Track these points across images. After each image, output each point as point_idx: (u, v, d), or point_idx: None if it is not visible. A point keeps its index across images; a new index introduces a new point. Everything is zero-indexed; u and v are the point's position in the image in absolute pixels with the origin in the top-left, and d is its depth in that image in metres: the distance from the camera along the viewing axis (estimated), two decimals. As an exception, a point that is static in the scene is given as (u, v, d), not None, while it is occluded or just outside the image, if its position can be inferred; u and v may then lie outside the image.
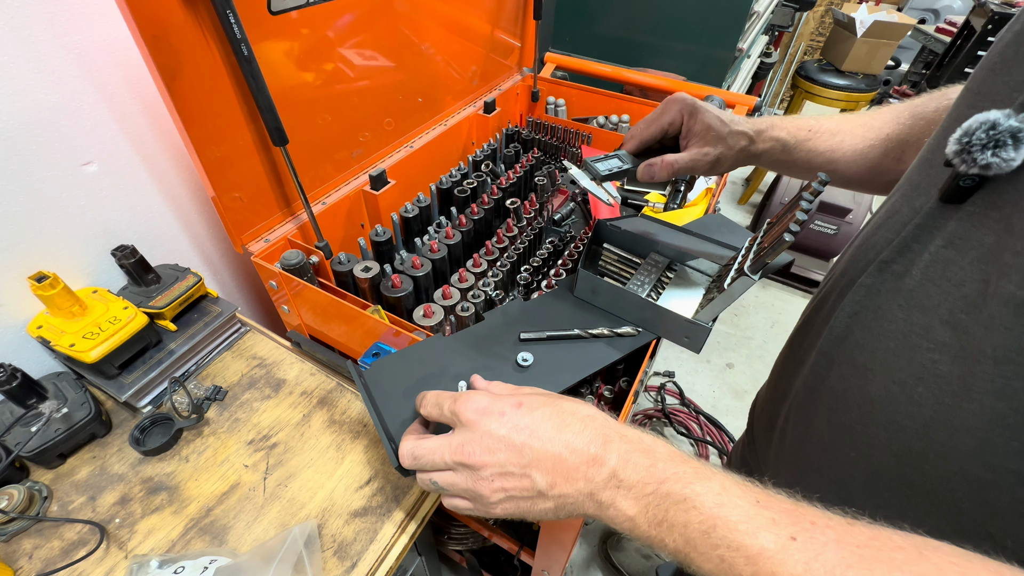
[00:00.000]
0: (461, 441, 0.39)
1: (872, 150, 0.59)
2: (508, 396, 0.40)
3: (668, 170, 0.58)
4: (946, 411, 0.35)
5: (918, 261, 0.37)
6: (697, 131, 0.58)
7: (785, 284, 2.43)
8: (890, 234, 0.41)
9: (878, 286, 0.40)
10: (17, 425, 0.60)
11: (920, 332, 0.37)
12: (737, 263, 0.55)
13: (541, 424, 0.38)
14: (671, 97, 0.60)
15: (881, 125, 0.59)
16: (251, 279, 1.00)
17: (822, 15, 3.77)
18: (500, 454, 0.38)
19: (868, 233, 0.45)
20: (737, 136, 0.59)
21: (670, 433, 1.82)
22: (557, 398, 0.41)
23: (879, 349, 0.40)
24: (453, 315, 0.70)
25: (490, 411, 0.39)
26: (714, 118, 0.58)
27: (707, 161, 0.59)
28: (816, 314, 0.51)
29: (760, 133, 0.61)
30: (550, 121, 1.18)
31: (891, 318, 0.39)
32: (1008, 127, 0.30)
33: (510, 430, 0.38)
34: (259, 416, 0.69)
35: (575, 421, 0.38)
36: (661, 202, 1.15)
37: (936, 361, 0.36)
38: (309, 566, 0.53)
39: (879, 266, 0.40)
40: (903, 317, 0.38)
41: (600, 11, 1.75)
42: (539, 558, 0.97)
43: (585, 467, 0.36)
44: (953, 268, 0.35)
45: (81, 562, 0.54)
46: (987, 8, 2.57)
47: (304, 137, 0.76)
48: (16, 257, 0.64)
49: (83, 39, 0.63)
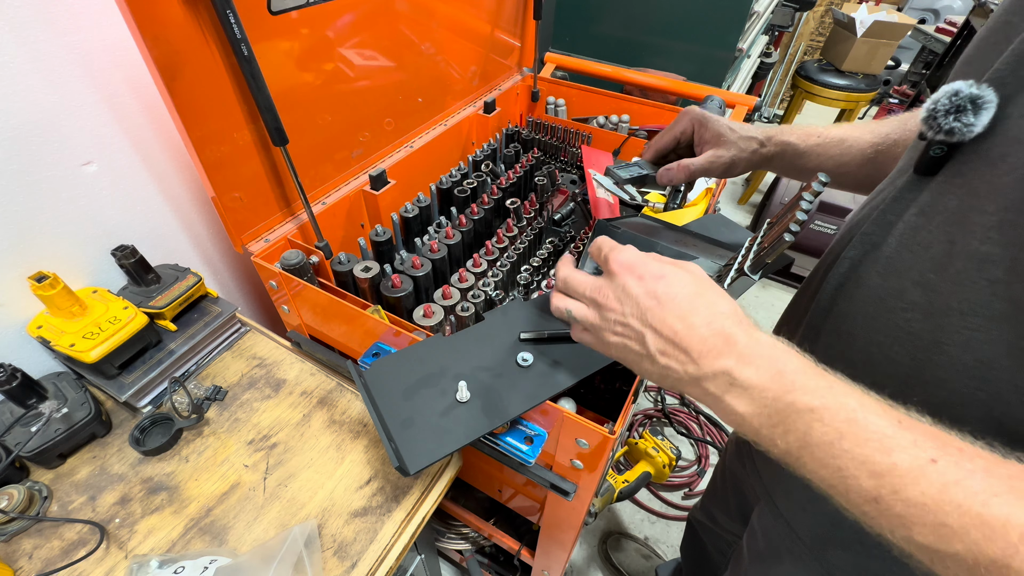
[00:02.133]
0: (602, 284, 0.43)
1: (878, 153, 0.61)
2: (656, 264, 0.41)
3: (685, 172, 0.65)
4: (920, 367, 0.38)
5: (894, 231, 0.40)
6: (708, 138, 0.65)
7: (785, 284, 2.43)
8: (871, 211, 0.44)
9: (859, 257, 0.43)
10: (17, 425, 0.60)
11: (895, 295, 0.39)
12: (737, 263, 0.55)
13: (672, 301, 0.39)
14: (683, 111, 0.67)
15: (888, 131, 0.61)
16: (251, 279, 1.00)
17: (822, 15, 3.77)
18: (627, 307, 0.40)
19: (855, 213, 0.49)
20: (747, 140, 0.64)
21: (670, 433, 1.82)
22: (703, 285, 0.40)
23: (859, 315, 0.42)
24: (453, 315, 0.70)
25: (633, 269, 0.41)
26: (723, 126, 0.64)
27: (721, 163, 0.64)
28: (804, 292, 0.55)
29: (770, 138, 0.65)
30: (550, 121, 1.18)
31: (870, 284, 0.41)
32: (968, 94, 0.33)
33: (643, 292, 0.40)
34: (259, 416, 0.69)
35: (706, 310, 0.38)
36: (661, 202, 1.15)
37: (909, 320, 0.38)
38: (309, 566, 0.53)
39: (860, 238, 0.43)
40: (880, 283, 0.40)
41: (600, 11, 1.75)
42: (539, 558, 0.97)
43: (697, 354, 0.37)
44: (922, 233, 0.37)
45: (81, 562, 0.54)
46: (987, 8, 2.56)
47: (304, 137, 0.76)
48: (16, 257, 0.64)
49: (83, 39, 0.63)
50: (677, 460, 1.52)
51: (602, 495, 1.28)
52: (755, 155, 0.64)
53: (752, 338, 0.36)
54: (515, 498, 0.86)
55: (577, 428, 0.54)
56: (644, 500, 1.59)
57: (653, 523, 1.55)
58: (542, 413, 0.58)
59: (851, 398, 0.32)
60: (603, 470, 0.64)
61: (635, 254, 0.42)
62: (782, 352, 0.36)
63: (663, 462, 1.46)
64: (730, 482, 0.81)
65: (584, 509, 0.71)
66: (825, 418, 0.31)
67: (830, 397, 0.32)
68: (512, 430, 0.59)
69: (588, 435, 0.54)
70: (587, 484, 0.64)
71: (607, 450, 0.56)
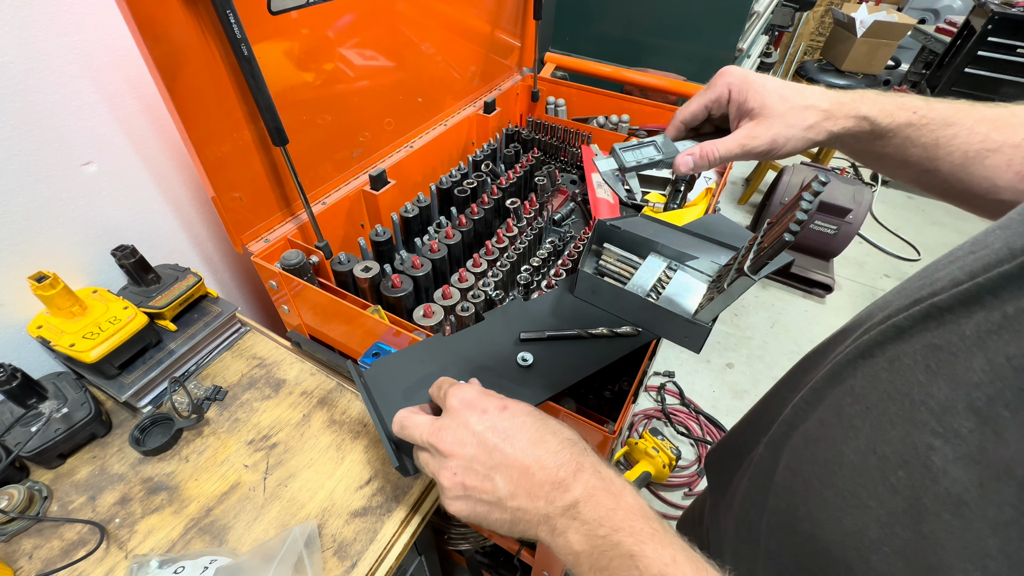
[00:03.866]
0: (440, 425, 0.39)
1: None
2: (497, 399, 0.40)
3: (708, 160, 0.48)
4: (920, 512, 0.27)
5: (982, 319, 0.27)
6: (748, 109, 0.47)
7: (785, 284, 2.43)
8: (962, 274, 0.30)
9: (913, 332, 0.31)
10: (17, 425, 0.60)
11: (934, 408, 0.28)
12: (737, 263, 0.55)
13: (519, 432, 0.38)
14: (719, 72, 0.49)
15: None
16: (251, 279, 1.00)
17: (822, 15, 3.78)
18: (469, 448, 0.38)
19: (942, 261, 0.34)
20: (802, 113, 0.46)
21: (670, 433, 1.82)
22: (544, 416, 0.40)
23: (874, 408, 0.32)
24: (453, 315, 0.70)
25: (474, 405, 0.39)
26: (771, 92, 0.46)
27: (758, 146, 0.47)
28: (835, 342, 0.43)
29: (840, 107, 0.47)
30: (550, 121, 1.18)
31: (908, 377, 0.30)
32: None
33: (486, 428, 0.38)
34: (259, 416, 0.69)
35: (554, 440, 0.37)
36: (661, 202, 1.14)
37: (933, 449, 0.27)
38: (309, 566, 0.53)
39: (928, 309, 0.30)
40: (923, 380, 0.29)
41: (600, 11, 1.75)
42: (539, 558, 0.97)
43: (550, 488, 0.36)
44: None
45: (81, 562, 0.54)
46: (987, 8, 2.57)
47: (304, 137, 0.76)
48: (16, 257, 0.64)
49: (83, 39, 0.63)
50: (677, 460, 1.52)
51: (602, 495, 1.28)
52: (814, 132, 0.47)
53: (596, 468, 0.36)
54: (515, 498, 0.86)
55: (577, 428, 0.54)
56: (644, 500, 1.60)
57: (653, 523, 1.55)
58: (542, 413, 0.58)
59: (668, 550, 0.32)
60: (603, 470, 0.64)
61: (472, 390, 0.40)
62: (621, 486, 0.36)
63: (663, 462, 1.47)
64: None
65: (584, 509, 0.71)
66: (642, 567, 0.31)
67: (650, 546, 0.32)
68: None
69: (588, 435, 0.55)
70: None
71: (607, 450, 0.56)
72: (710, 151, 0.48)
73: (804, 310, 2.31)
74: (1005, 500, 0.23)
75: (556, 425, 0.39)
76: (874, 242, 2.70)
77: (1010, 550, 0.23)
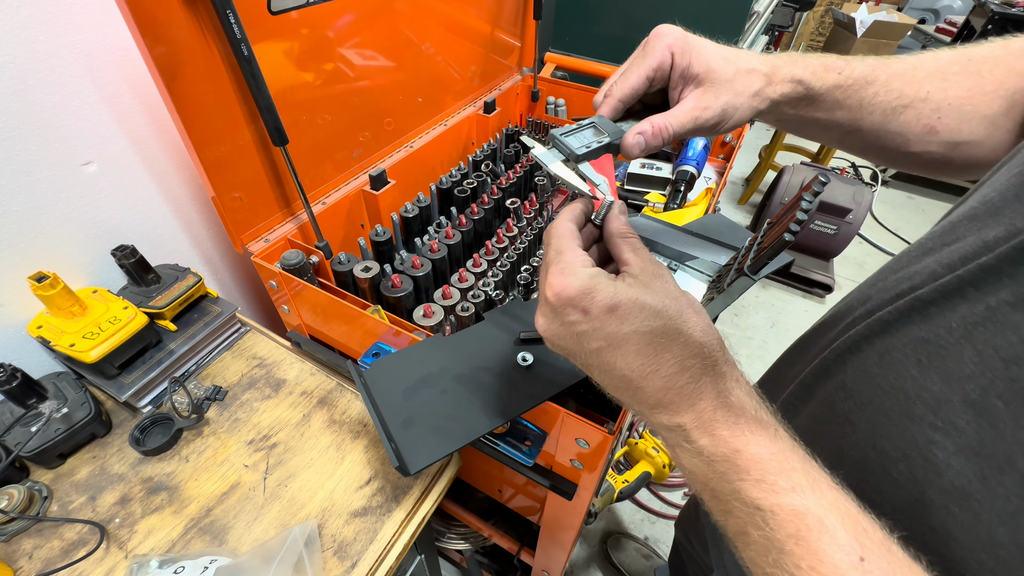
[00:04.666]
0: (545, 318, 0.34)
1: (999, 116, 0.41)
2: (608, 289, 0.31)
3: (662, 136, 0.41)
4: (926, 506, 0.27)
5: (966, 312, 0.28)
6: (693, 74, 0.41)
7: (785, 284, 2.43)
8: (940, 267, 0.30)
9: (899, 325, 0.31)
10: (17, 425, 0.60)
11: (929, 403, 0.28)
12: (737, 263, 0.55)
13: (627, 341, 0.30)
14: (654, 32, 0.42)
15: (1001, 78, 0.41)
16: (251, 279, 1.00)
17: (822, 15, 3.78)
18: (569, 343, 0.33)
19: (914, 253, 0.35)
20: (748, 77, 0.42)
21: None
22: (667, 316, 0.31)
23: (869, 404, 0.32)
24: (453, 315, 0.70)
25: (576, 303, 0.31)
26: (714, 54, 0.42)
27: (710, 117, 0.42)
28: (816, 335, 0.42)
29: (777, 70, 0.43)
30: (550, 121, 1.18)
31: (900, 371, 0.30)
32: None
33: (589, 332, 0.31)
34: (259, 416, 0.69)
35: (669, 353, 0.30)
36: (661, 202, 1.15)
37: (934, 443, 0.27)
38: (309, 566, 0.53)
39: (912, 303, 0.31)
40: (916, 375, 0.29)
41: (600, 11, 1.75)
42: (539, 558, 0.97)
43: (652, 404, 0.31)
44: (1010, 337, 0.25)
45: (81, 562, 0.54)
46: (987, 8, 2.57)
47: (304, 137, 0.76)
48: (16, 257, 0.64)
49: (83, 39, 0.63)
50: (677, 460, 1.52)
51: (602, 495, 1.28)
52: (758, 99, 0.42)
53: (720, 396, 0.30)
54: (515, 498, 0.86)
55: (577, 428, 0.54)
56: (644, 500, 1.59)
57: (653, 523, 1.55)
58: (542, 413, 0.58)
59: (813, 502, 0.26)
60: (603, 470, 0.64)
61: (577, 281, 0.31)
62: (746, 426, 0.29)
63: (663, 462, 1.46)
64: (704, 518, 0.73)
65: (584, 509, 0.71)
66: (771, 523, 0.26)
67: (786, 499, 0.26)
68: (512, 430, 0.59)
69: (588, 435, 0.54)
70: (587, 484, 0.64)
71: (607, 450, 0.56)
72: (662, 127, 0.41)
73: (804, 310, 2.31)
74: (1011, 491, 0.23)
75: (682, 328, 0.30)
76: (874, 242, 2.70)
77: (1021, 539, 0.23)
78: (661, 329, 0.30)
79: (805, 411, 0.37)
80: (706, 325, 0.32)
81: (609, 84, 0.43)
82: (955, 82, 0.42)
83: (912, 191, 3.11)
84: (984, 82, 0.42)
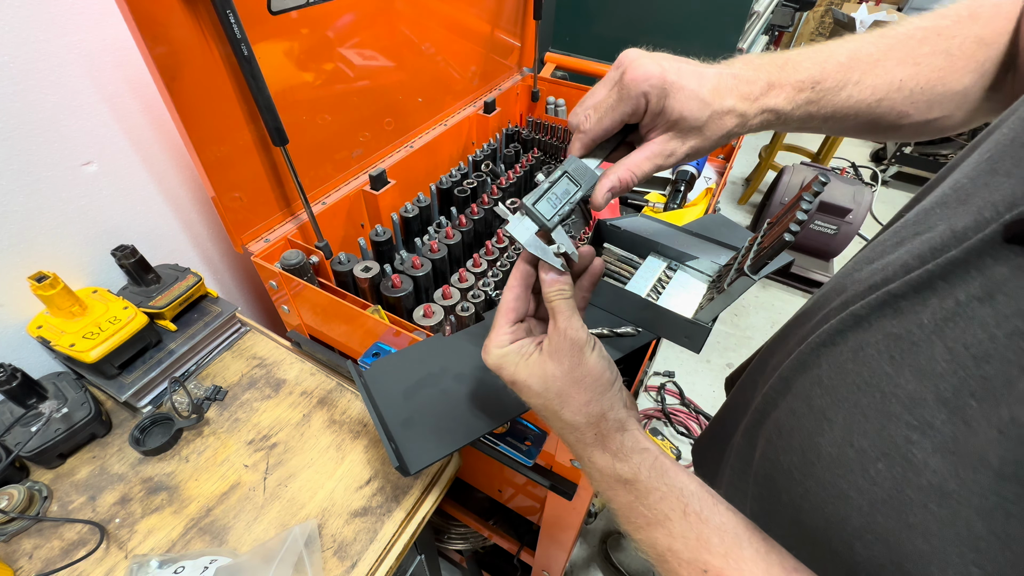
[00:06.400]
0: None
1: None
2: (509, 368, 0.40)
3: (626, 187, 0.43)
4: (904, 504, 0.27)
5: (936, 307, 0.27)
6: (665, 120, 0.41)
7: (785, 284, 2.43)
8: (911, 258, 0.30)
9: (872, 320, 0.31)
10: (17, 425, 0.60)
11: (904, 401, 0.28)
12: (737, 263, 0.55)
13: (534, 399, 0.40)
14: (630, 65, 0.40)
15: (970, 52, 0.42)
16: (251, 279, 1.00)
17: (822, 15, 3.78)
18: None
19: (888, 242, 0.35)
20: (721, 120, 0.42)
21: (670, 433, 1.82)
22: (559, 382, 0.38)
23: (846, 400, 0.32)
24: (453, 315, 0.70)
25: (498, 371, 0.40)
26: (691, 99, 0.40)
27: (674, 160, 0.43)
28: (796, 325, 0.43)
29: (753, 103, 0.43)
30: (550, 121, 1.18)
31: (874, 368, 0.30)
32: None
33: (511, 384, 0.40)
34: (259, 416, 0.69)
35: (567, 414, 0.39)
36: (661, 202, 1.15)
37: (912, 443, 0.27)
38: (309, 566, 0.53)
39: (884, 297, 0.31)
40: (890, 372, 0.29)
41: (600, 11, 1.75)
42: (539, 558, 0.97)
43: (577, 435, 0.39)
44: (979, 334, 0.25)
45: (81, 562, 0.54)
46: (987, 8, 2.56)
47: (304, 137, 0.76)
48: (16, 257, 0.64)
49: (83, 39, 0.63)
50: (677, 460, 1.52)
51: (602, 495, 1.28)
52: (727, 138, 0.43)
53: (607, 457, 0.38)
54: (515, 498, 0.86)
55: (577, 428, 0.54)
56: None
57: (653, 523, 1.55)
58: (542, 413, 0.57)
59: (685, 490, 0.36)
60: (603, 470, 0.64)
61: (491, 358, 0.40)
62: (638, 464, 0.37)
63: (663, 462, 1.47)
64: None
65: (584, 509, 0.71)
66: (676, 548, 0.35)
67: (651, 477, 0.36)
68: (512, 430, 0.59)
69: (588, 435, 0.54)
70: (587, 484, 0.64)
71: (607, 450, 0.55)
72: (626, 178, 0.42)
73: (804, 310, 2.32)
74: (986, 489, 0.24)
75: (555, 412, 0.39)
76: (874, 242, 2.70)
77: (998, 530, 0.23)
78: (542, 407, 0.39)
79: (784, 404, 0.38)
80: (582, 404, 0.38)
81: (582, 115, 0.43)
82: (927, 64, 0.43)
83: (912, 191, 3.11)
84: (954, 60, 0.42)
